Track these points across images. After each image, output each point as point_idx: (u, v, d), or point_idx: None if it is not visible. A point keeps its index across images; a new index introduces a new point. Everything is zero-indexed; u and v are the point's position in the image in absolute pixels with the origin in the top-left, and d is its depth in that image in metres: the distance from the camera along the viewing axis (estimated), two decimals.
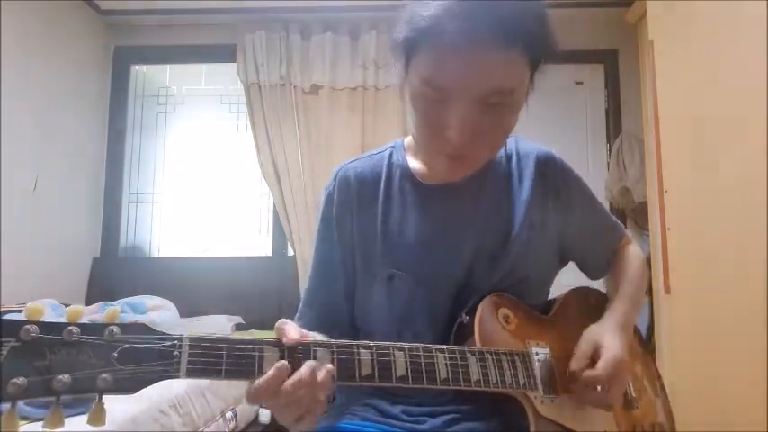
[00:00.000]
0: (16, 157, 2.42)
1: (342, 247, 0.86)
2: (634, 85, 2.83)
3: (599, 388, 0.72)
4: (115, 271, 2.99)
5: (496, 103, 0.67)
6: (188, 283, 2.87)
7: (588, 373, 0.73)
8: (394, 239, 0.83)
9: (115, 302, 2.44)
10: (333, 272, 0.87)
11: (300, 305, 0.90)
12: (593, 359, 0.75)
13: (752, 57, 1.34)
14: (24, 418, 1.23)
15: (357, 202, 0.85)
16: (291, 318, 0.86)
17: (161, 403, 1.62)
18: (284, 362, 0.58)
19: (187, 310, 2.64)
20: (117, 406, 1.36)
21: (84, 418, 0.51)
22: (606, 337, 0.77)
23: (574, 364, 0.75)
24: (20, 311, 2.11)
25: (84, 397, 0.50)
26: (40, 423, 0.50)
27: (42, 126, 2.62)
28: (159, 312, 2.45)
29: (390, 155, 0.89)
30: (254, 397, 0.57)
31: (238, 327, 2.70)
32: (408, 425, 0.78)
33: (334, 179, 0.88)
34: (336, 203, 0.86)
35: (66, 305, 2.38)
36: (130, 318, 2.30)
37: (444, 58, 0.65)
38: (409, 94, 0.72)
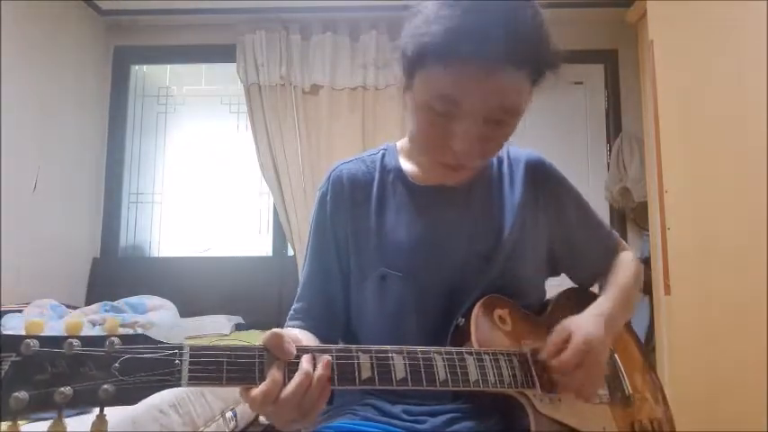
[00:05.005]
0: (16, 157, 2.42)
1: (336, 246, 0.87)
2: (634, 85, 2.83)
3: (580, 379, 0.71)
4: (115, 271, 2.99)
5: (500, 120, 0.71)
6: (188, 283, 2.86)
7: (555, 360, 0.71)
8: (386, 239, 0.83)
9: (115, 302, 2.45)
10: (328, 271, 0.87)
11: (294, 304, 0.89)
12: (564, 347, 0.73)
13: (752, 57, 1.34)
14: (24, 418, 1.22)
15: (350, 201, 0.86)
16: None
17: (161, 403, 1.62)
18: (275, 374, 0.57)
19: (187, 310, 2.64)
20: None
21: (85, 417, 0.51)
22: (575, 324, 0.75)
23: (543, 354, 0.73)
24: (20, 312, 2.11)
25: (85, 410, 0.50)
26: (41, 423, 0.50)
27: (42, 126, 2.63)
28: (159, 312, 2.46)
29: (383, 156, 0.90)
30: (253, 407, 0.57)
31: (238, 327, 2.69)
32: (409, 424, 0.78)
33: (328, 180, 0.89)
34: (330, 203, 0.87)
35: (67, 305, 2.39)
36: (130, 317, 2.30)
37: (460, 76, 0.67)
38: (415, 103, 0.74)
